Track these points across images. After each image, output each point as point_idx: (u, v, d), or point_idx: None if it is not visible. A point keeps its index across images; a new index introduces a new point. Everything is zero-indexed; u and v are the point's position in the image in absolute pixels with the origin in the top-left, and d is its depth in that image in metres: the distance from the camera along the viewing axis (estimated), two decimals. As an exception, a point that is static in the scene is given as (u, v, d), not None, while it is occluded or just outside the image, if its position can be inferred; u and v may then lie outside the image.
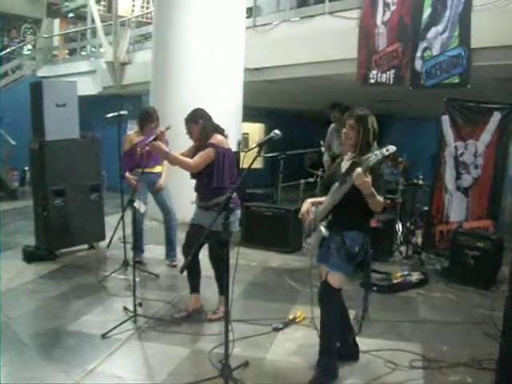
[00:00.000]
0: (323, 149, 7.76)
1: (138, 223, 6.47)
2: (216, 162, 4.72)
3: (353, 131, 3.66)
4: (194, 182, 4.96)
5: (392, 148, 3.28)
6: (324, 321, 3.78)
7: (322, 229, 3.73)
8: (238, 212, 4.95)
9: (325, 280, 3.74)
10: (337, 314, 3.77)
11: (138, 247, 6.61)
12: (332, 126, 6.85)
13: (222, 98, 9.12)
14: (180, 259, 6.39)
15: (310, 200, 3.94)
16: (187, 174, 4.90)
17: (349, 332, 4.10)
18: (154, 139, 4.70)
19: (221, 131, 4.91)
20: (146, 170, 5.85)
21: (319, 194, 4.94)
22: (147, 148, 4.97)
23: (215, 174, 4.73)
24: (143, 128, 6.46)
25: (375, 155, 3.30)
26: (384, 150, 3.29)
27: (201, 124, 4.82)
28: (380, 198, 3.47)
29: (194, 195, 5.02)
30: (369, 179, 3.32)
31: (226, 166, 4.77)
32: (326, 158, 6.78)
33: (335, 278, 3.68)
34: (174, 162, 4.74)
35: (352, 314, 4.50)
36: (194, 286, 5.08)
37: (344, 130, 3.73)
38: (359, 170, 3.31)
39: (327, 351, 3.77)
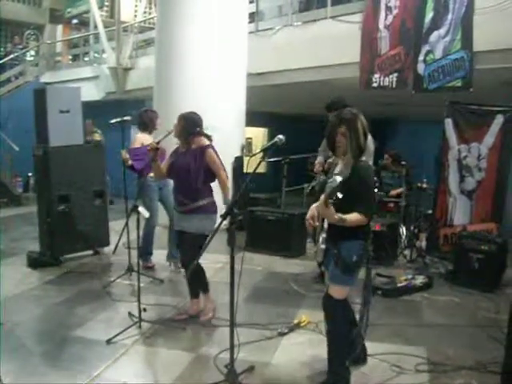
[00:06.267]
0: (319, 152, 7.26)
1: (149, 228, 6.53)
2: None
3: (343, 138, 3.56)
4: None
5: (338, 178, 3.13)
6: (330, 331, 3.75)
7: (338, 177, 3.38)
8: (215, 216, 4.89)
9: (326, 291, 3.72)
10: (342, 323, 3.70)
11: (147, 252, 6.67)
12: None
13: (226, 103, 9.16)
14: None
15: (315, 205, 3.87)
16: None
17: (356, 336, 4.07)
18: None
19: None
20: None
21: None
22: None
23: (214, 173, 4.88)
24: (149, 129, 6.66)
25: (331, 182, 3.27)
26: (337, 177, 3.16)
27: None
28: (353, 218, 3.38)
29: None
30: (330, 209, 3.21)
31: None
32: (318, 160, 6.46)
33: (335, 291, 3.65)
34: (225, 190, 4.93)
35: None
36: (194, 291, 5.12)
37: (337, 138, 3.61)
38: (320, 200, 3.27)
39: (336, 360, 3.72)
